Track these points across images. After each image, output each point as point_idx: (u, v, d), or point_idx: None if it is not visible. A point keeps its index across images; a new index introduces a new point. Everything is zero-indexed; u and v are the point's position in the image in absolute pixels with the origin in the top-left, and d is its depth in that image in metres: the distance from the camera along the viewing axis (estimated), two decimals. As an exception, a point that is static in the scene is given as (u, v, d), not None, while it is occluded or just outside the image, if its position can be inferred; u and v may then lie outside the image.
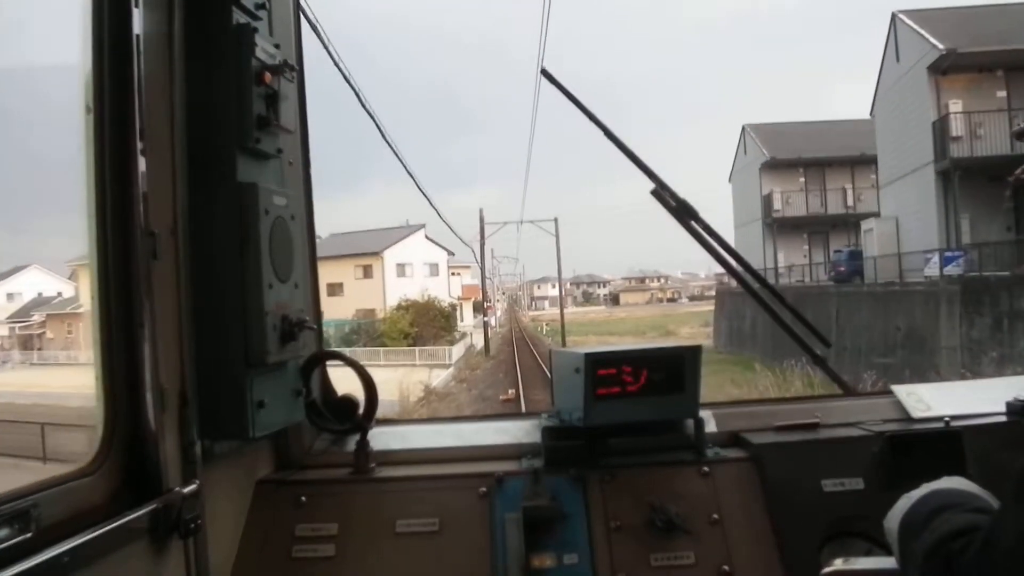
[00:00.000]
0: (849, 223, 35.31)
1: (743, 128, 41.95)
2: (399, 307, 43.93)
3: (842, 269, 29.66)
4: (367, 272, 53.19)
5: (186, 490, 1.35)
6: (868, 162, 33.81)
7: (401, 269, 54.33)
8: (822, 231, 38.03)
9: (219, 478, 1.54)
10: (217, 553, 1.49)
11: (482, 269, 49.05)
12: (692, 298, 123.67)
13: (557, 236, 48.62)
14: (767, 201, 37.81)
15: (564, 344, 38.21)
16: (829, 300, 26.24)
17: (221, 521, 1.56)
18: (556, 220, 48.92)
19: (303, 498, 1.70)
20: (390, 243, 54.78)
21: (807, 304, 26.72)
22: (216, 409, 1.44)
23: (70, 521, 1.15)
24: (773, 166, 37.52)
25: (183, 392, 1.39)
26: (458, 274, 63.81)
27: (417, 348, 38.83)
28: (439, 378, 30.04)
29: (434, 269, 57.82)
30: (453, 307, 51.00)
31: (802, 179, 37.73)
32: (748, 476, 1.72)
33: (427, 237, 57.45)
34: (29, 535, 1.07)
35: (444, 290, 53.37)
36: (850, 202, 36.99)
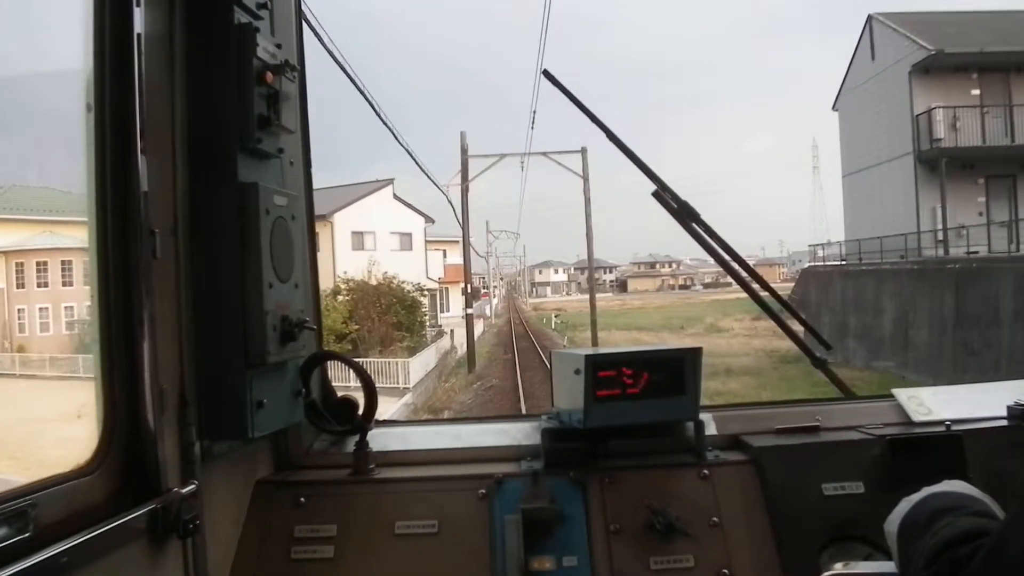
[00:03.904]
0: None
1: (869, 19, 26.59)
2: (335, 292, 28.67)
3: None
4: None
5: (185, 490, 1.35)
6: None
7: (359, 239, 37.73)
8: (1007, 174, 23.31)
9: (218, 478, 1.54)
10: (216, 553, 1.49)
11: (464, 229, 30.98)
12: (707, 285, 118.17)
13: (586, 176, 31.31)
14: (923, 124, 23.31)
15: (596, 344, 26.83)
16: None
17: (220, 521, 1.56)
18: (584, 151, 31.09)
19: (302, 499, 1.70)
20: (343, 204, 36.82)
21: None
22: (215, 409, 1.45)
23: (69, 521, 1.16)
24: (929, 69, 23.26)
25: (182, 392, 1.40)
26: (443, 250, 47.06)
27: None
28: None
29: (405, 241, 41.12)
30: (428, 293, 36.10)
31: (976, 91, 23.26)
32: (748, 479, 1.72)
33: (396, 196, 40.72)
34: (28, 534, 1.08)
35: (419, 269, 37.59)
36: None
